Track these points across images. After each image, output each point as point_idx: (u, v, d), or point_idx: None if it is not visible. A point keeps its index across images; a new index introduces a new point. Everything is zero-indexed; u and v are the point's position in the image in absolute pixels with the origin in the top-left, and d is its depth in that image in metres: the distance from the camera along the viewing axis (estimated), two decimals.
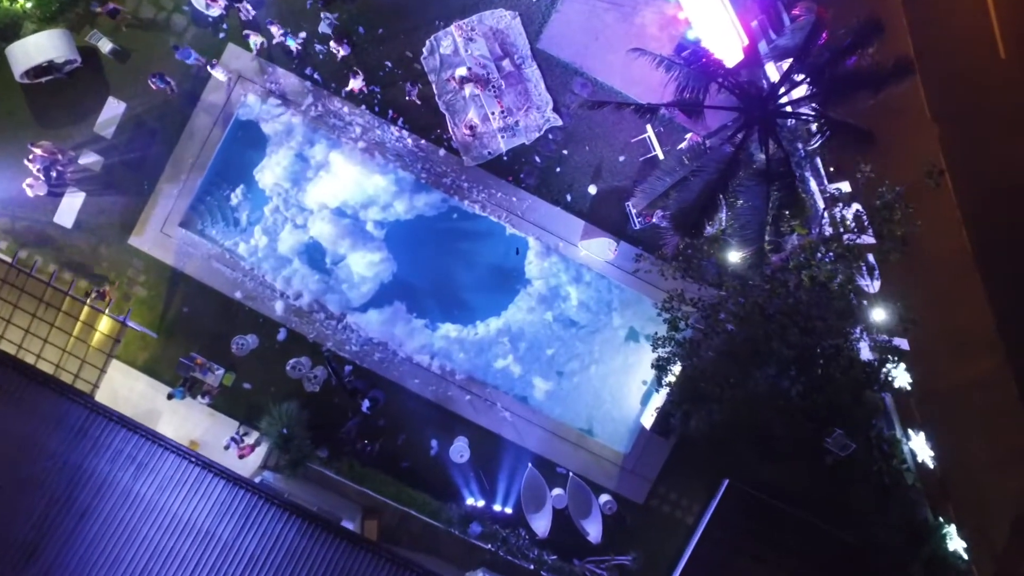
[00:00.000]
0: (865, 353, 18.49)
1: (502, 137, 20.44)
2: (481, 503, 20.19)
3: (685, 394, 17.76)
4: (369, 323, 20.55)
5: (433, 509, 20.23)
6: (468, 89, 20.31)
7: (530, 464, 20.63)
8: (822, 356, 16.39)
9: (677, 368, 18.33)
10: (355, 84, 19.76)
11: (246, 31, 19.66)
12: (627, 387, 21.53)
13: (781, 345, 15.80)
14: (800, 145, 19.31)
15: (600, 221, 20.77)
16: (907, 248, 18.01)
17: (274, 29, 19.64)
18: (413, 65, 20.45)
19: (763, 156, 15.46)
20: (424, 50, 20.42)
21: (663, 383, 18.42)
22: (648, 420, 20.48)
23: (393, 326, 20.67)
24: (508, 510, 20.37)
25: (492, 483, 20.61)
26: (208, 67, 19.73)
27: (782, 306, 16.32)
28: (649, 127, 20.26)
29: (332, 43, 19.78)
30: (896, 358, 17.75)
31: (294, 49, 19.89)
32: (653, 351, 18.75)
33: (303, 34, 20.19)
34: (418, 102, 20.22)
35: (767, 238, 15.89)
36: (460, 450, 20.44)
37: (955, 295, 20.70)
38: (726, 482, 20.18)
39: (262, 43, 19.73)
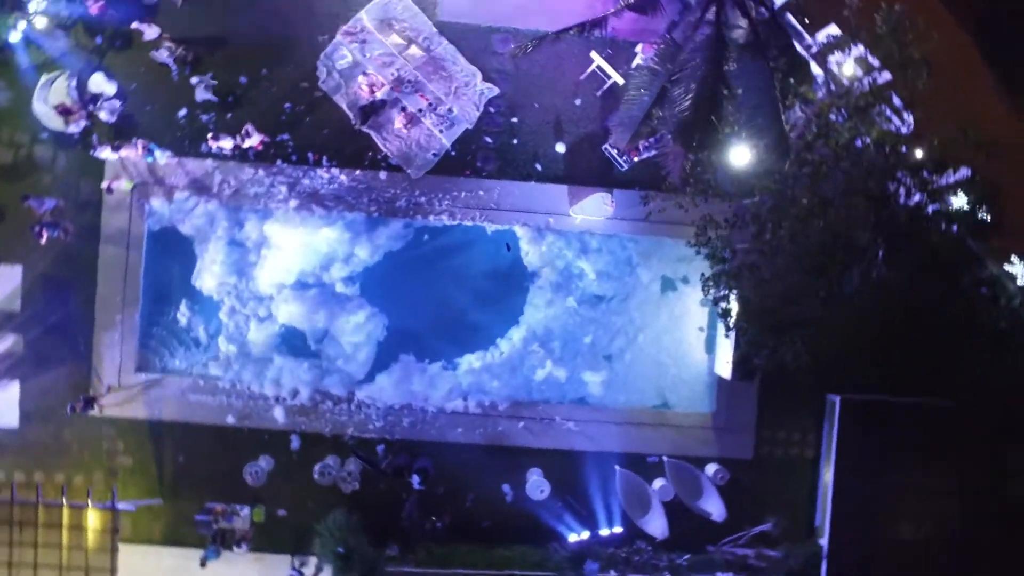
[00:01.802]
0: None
1: (441, 132, 17.60)
2: (585, 534, 17.43)
3: (763, 328, 15.00)
4: (382, 391, 17.75)
5: (536, 560, 17.45)
6: (382, 95, 17.46)
7: (617, 467, 17.89)
8: (910, 220, 13.69)
9: (736, 304, 15.59)
10: (253, 141, 16.88)
11: (105, 147, 16.75)
12: (685, 342, 18.75)
13: (858, 228, 13.11)
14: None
15: (583, 178, 17.95)
16: (933, 68, 15.22)
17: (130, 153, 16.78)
18: (314, 94, 17.58)
19: (745, 25, 12.67)
20: (319, 74, 17.55)
21: (731, 326, 15.66)
22: (724, 368, 17.73)
23: (409, 383, 17.86)
24: (617, 529, 17.62)
25: (587, 506, 17.83)
26: (108, 189, 16.92)
27: (835, 185, 13.56)
28: (594, 54, 17.42)
29: (240, 135, 16.92)
30: (972, 193, 15.05)
31: (164, 162, 17.12)
32: (706, 295, 16.00)
33: (184, 110, 17.34)
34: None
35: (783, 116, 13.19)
36: (537, 485, 17.67)
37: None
38: (838, 400, 17.46)
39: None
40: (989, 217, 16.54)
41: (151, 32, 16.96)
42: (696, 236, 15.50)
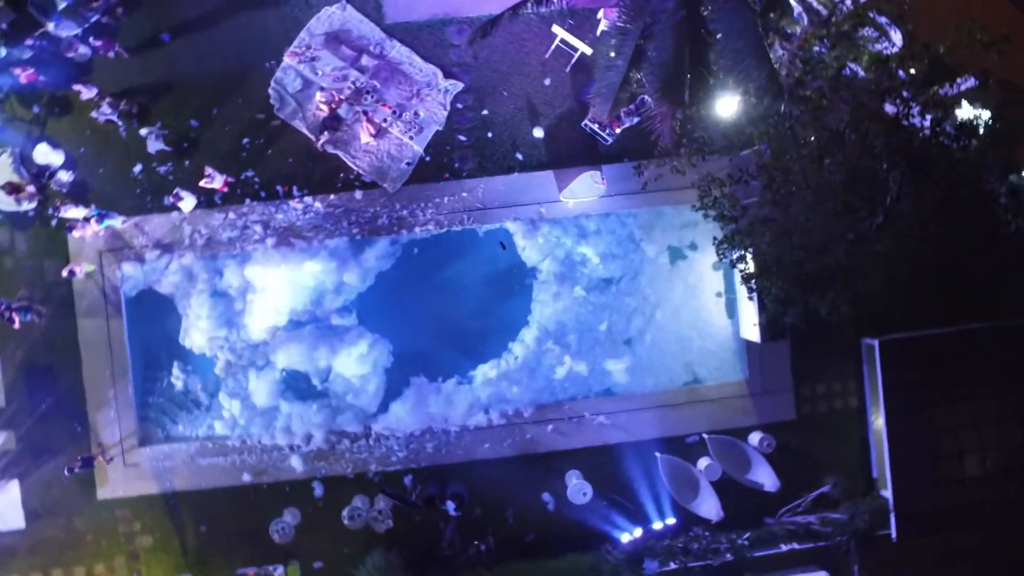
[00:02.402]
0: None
1: (411, 138, 16.59)
2: (638, 531, 16.47)
3: (790, 284, 13.98)
4: (399, 419, 16.78)
5: (589, 567, 16.47)
6: (343, 111, 16.45)
7: (658, 454, 16.91)
8: (926, 140, 12.66)
9: (755, 263, 14.59)
10: (216, 184, 15.88)
11: (68, 206, 15.77)
12: (704, 311, 17.77)
13: (875, 157, 12.08)
14: None
15: (567, 160, 16.94)
16: None
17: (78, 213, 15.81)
18: (271, 124, 16.58)
19: None
20: (273, 101, 16.54)
21: (753, 288, 14.66)
22: (750, 331, 16.75)
23: (425, 406, 16.89)
24: (670, 520, 16.66)
25: (634, 501, 16.87)
26: (70, 273, 15.95)
27: (839, 117, 12.54)
28: (556, 28, 16.39)
29: (204, 182, 15.88)
30: (984, 100, 14.02)
31: (120, 225, 16.16)
32: (722, 259, 15.01)
33: (139, 166, 16.36)
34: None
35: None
36: (579, 488, 16.68)
37: None
38: (876, 344, 16.46)
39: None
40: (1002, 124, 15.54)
41: (88, 92, 15.92)
42: (700, 199, 14.50)
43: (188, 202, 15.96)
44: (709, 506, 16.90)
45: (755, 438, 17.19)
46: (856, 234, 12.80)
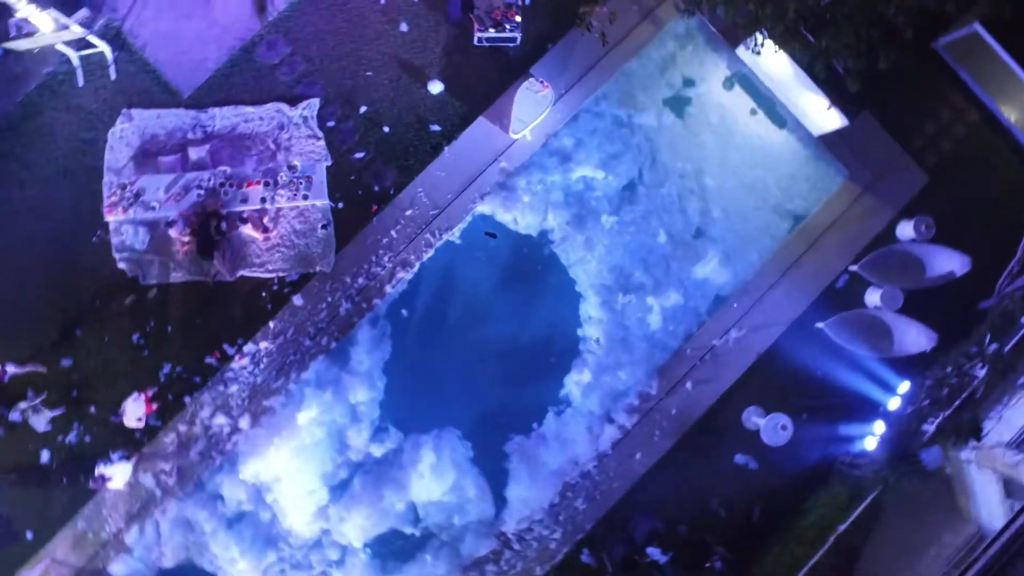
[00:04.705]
0: None
1: (306, 197, 12.40)
2: (877, 426, 12.25)
3: (837, 25, 9.89)
4: (526, 501, 12.69)
5: (847, 495, 12.37)
6: (213, 225, 12.25)
7: (820, 324, 12.79)
8: None
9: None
10: (137, 413, 11.74)
11: None
12: (753, 140, 13.45)
13: None
14: None
15: (487, 94, 12.80)
16: None
17: None
18: (148, 296, 12.36)
19: None
20: (132, 273, 12.36)
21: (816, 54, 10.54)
22: (826, 121, 12.61)
23: (543, 465, 12.82)
24: (902, 386, 12.47)
25: (839, 395, 12.69)
26: None
27: None
28: None
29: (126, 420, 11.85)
30: None
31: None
32: (753, 47, 10.89)
33: (45, 452, 12.16)
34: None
35: None
36: (771, 426, 12.44)
37: None
38: (976, 27, 12.25)
39: None
40: None
41: None
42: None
43: (120, 472, 11.78)
44: (914, 337, 12.79)
45: (906, 229, 13.08)
46: None
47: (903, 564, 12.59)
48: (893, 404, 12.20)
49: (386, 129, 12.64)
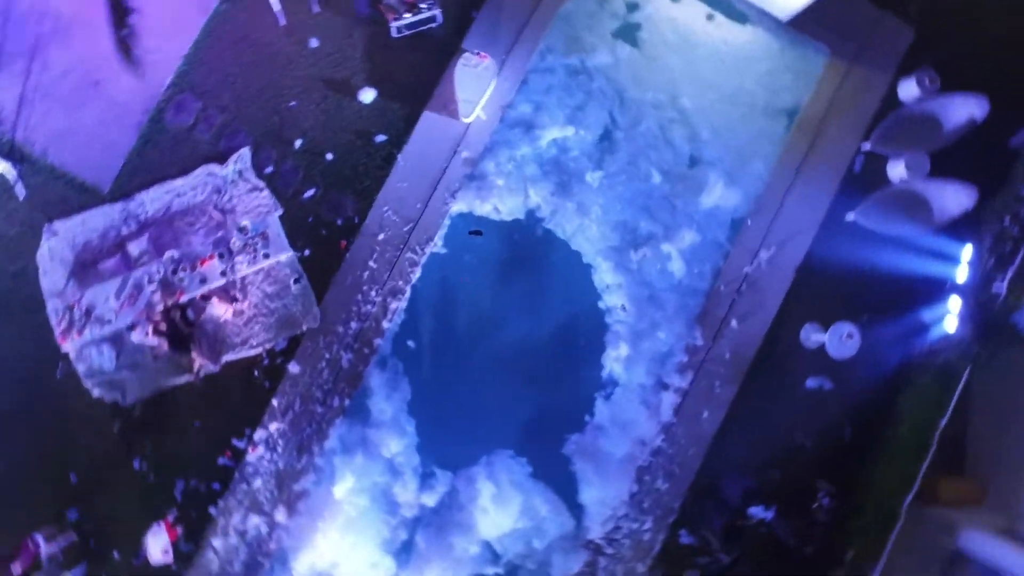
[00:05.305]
0: None
1: (267, 256, 11.14)
2: (951, 302, 11.03)
3: None
4: (603, 500, 11.55)
5: (937, 387, 11.28)
6: (179, 317, 11.02)
7: (850, 215, 11.65)
8: None
9: None
10: (161, 542, 10.53)
11: None
12: (720, 47, 12.20)
13: None
14: None
15: (424, 85, 11.51)
16: None
17: None
18: (133, 415, 11.11)
19: None
20: (111, 398, 11.08)
21: None
22: (784, 7, 11.43)
23: (608, 458, 11.69)
24: (963, 252, 11.26)
25: (898, 285, 11.49)
26: None
27: None
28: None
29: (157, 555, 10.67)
30: None
31: None
32: None
33: None
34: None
35: None
36: (835, 338, 11.33)
37: None
38: None
39: None
40: None
41: None
42: None
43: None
44: (953, 197, 11.63)
45: (909, 89, 11.89)
46: None
47: (1010, 437, 11.56)
48: (961, 275, 10.99)
49: (329, 156, 11.37)
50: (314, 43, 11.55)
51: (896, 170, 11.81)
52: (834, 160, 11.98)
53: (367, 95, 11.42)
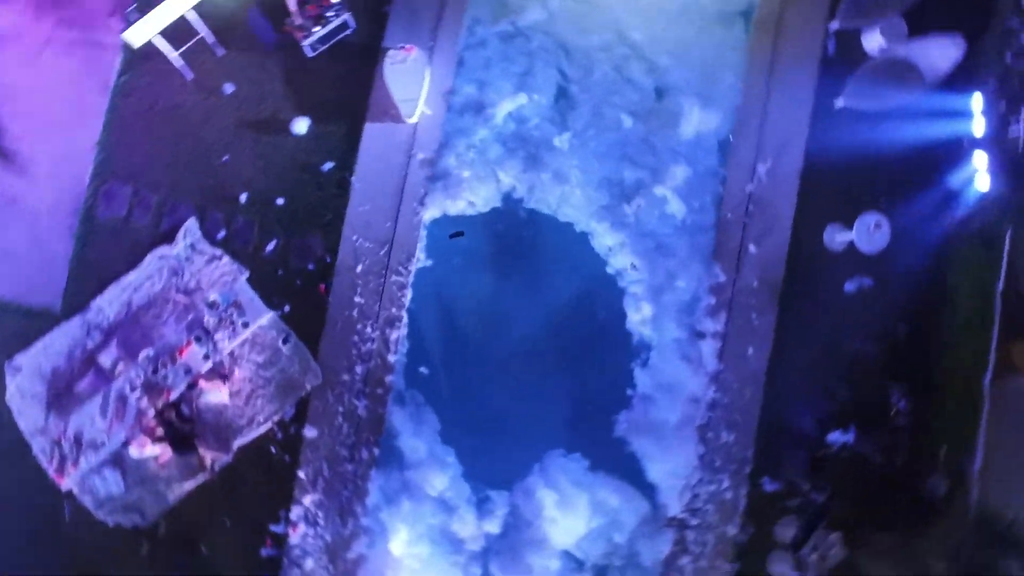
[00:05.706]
0: None
1: (247, 325, 10.24)
2: (977, 158, 10.12)
3: None
4: (675, 475, 10.61)
5: (983, 254, 10.45)
6: (174, 417, 10.15)
7: (838, 101, 10.76)
8: None
9: None
10: None
11: None
12: None
13: None
14: None
15: (362, 96, 10.63)
16: None
17: None
18: (159, 534, 10.24)
19: None
20: (130, 523, 10.22)
21: None
22: None
23: (662, 433, 10.76)
24: (973, 104, 10.34)
25: (923, 156, 10.57)
26: None
27: None
28: (159, 41, 10.00)
29: None
30: None
31: None
32: None
33: None
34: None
35: None
36: (864, 232, 10.43)
37: None
38: None
39: None
40: None
41: None
42: None
43: None
44: (940, 53, 10.76)
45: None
46: None
47: None
48: (978, 128, 10.07)
49: (280, 201, 10.48)
50: (229, 88, 10.67)
51: (872, 41, 10.93)
52: (804, 49, 11.10)
53: (300, 125, 10.53)
